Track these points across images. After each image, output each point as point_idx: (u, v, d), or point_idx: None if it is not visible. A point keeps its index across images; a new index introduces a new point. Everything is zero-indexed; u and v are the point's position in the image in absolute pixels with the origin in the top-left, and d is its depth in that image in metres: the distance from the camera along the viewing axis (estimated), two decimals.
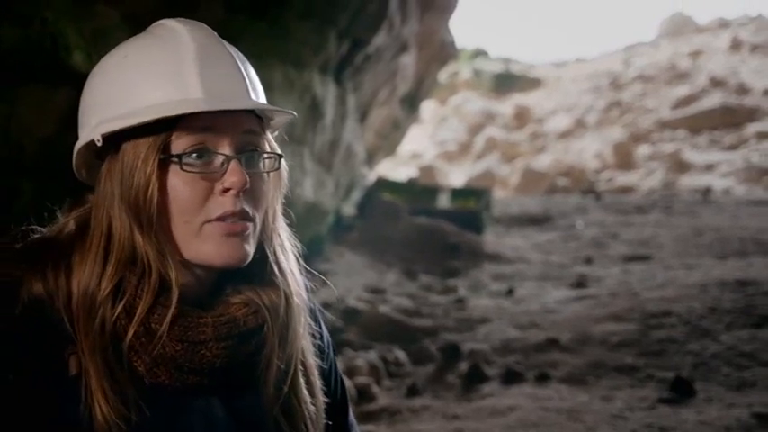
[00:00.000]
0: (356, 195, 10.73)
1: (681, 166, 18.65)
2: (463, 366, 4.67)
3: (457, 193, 12.14)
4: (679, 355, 4.60)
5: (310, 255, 1.32)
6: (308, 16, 6.66)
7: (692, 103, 21.63)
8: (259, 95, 1.20)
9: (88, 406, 1.08)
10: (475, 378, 4.48)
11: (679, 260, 7.98)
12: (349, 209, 10.47)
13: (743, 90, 21.67)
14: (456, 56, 15.29)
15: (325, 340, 1.39)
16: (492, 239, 10.39)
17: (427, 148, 24.39)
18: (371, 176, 12.51)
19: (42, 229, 1.20)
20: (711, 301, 5.43)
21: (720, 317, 5.09)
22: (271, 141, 1.22)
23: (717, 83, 22.39)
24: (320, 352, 1.34)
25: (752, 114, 20.14)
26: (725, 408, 3.78)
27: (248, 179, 1.12)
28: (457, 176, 20.90)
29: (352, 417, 1.47)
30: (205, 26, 1.19)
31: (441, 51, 12.72)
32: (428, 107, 22.98)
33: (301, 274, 1.28)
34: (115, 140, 1.12)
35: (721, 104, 20.69)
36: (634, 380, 4.33)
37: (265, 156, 1.19)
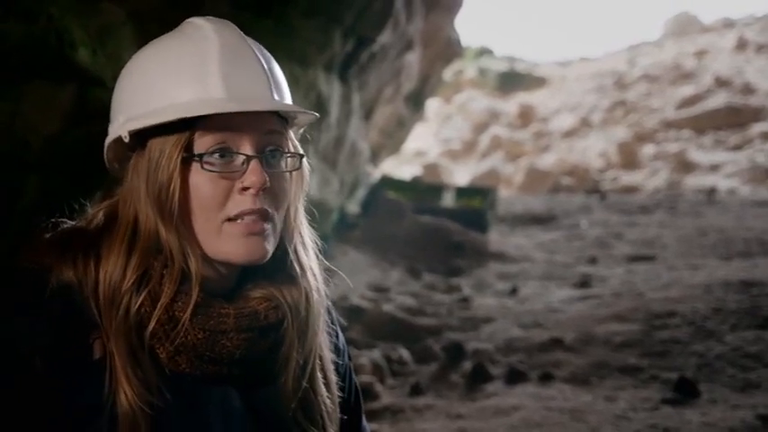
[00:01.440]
0: (360, 193, 10.72)
1: (685, 166, 18.60)
2: (467, 366, 4.67)
3: (461, 192, 12.11)
4: (683, 355, 4.59)
5: None
6: (314, 14, 6.65)
7: (697, 103, 21.56)
8: (283, 95, 1.22)
9: (112, 392, 1.11)
10: (478, 377, 4.48)
11: (683, 260, 7.96)
12: (353, 207, 10.46)
13: (748, 90, 21.60)
14: (461, 54, 15.26)
15: (341, 341, 1.42)
16: (496, 238, 10.38)
17: (432, 146, 24.37)
18: (376, 174, 12.51)
19: (70, 221, 1.24)
20: (716, 301, 5.42)
21: (725, 318, 5.08)
22: (293, 141, 1.24)
23: (722, 83, 22.32)
24: (336, 350, 1.37)
25: (757, 114, 20.07)
26: (729, 409, 3.77)
27: (268, 179, 1.15)
28: (461, 175, 20.86)
29: (365, 423, 1.49)
30: (232, 25, 1.22)
31: (446, 49, 12.71)
32: (433, 105, 22.94)
33: (321, 270, 1.31)
34: (142, 136, 1.16)
35: (726, 104, 20.62)
36: (638, 380, 4.33)
37: (287, 155, 1.21)
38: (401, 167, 19.97)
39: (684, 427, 3.59)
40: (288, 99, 1.23)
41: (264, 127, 1.17)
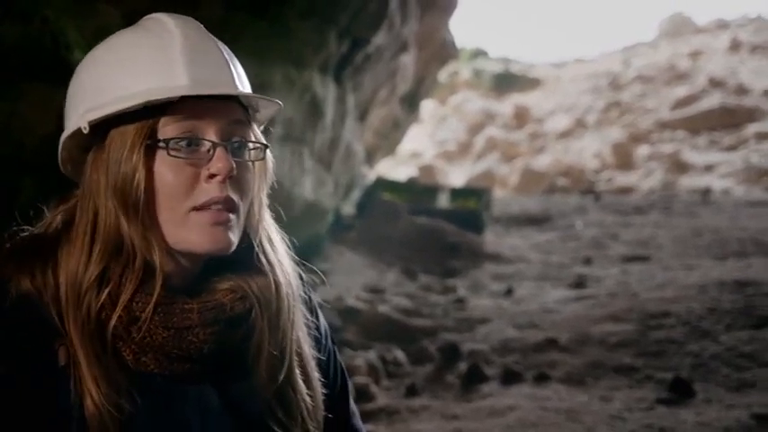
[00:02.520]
0: (356, 195, 10.73)
1: (680, 167, 18.64)
2: (462, 366, 4.67)
3: (456, 193, 12.12)
4: (678, 355, 4.60)
5: (309, 254, 1.32)
6: (309, 15, 6.65)
7: (692, 104, 21.62)
8: (245, 87, 1.21)
9: (79, 395, 1.08)
10: (474, 378, 4.48)
11: (678, 261, 7.98)
12: (348, 208, 10.47)
13: (742, 90, 21.66)
14: (456, 55, 15.28)
15: (322, 330, 1.39)
16: (491, 239, 10.39)
17: (427, 147, 24.38)
18: (371, 176, 12.52)
19: (32, 228, 1.21)
20: (711, 301, 5.43)
21: (720, 317, 5.09)
22: (257, 132, 1.22)
23: (716, 83, 22.38)
24: (316, 342, 1.34)
25: (751, 115, 20.13)
26: (724, 409, 3.79)
27: (234, 166, 1.13)
28: (456, 176, 20.89)
29: (353, 405, 1.46)
30: (194, 20, 1.21)
31: (441, 51, 12.73)
32: (428, 107, 22.94)
33: (293, 264, 1.29)
34: (102, 130, 1.13)
35: (720, 105, 20.68)
36: (633, 380, 4.34)
37: (251, 146, 1.20)
38: (396, 169, 19.98)
39: (679, 426, 3.60)
40: (249, 91, 1.22)
41: (229, 116, 1.16)
